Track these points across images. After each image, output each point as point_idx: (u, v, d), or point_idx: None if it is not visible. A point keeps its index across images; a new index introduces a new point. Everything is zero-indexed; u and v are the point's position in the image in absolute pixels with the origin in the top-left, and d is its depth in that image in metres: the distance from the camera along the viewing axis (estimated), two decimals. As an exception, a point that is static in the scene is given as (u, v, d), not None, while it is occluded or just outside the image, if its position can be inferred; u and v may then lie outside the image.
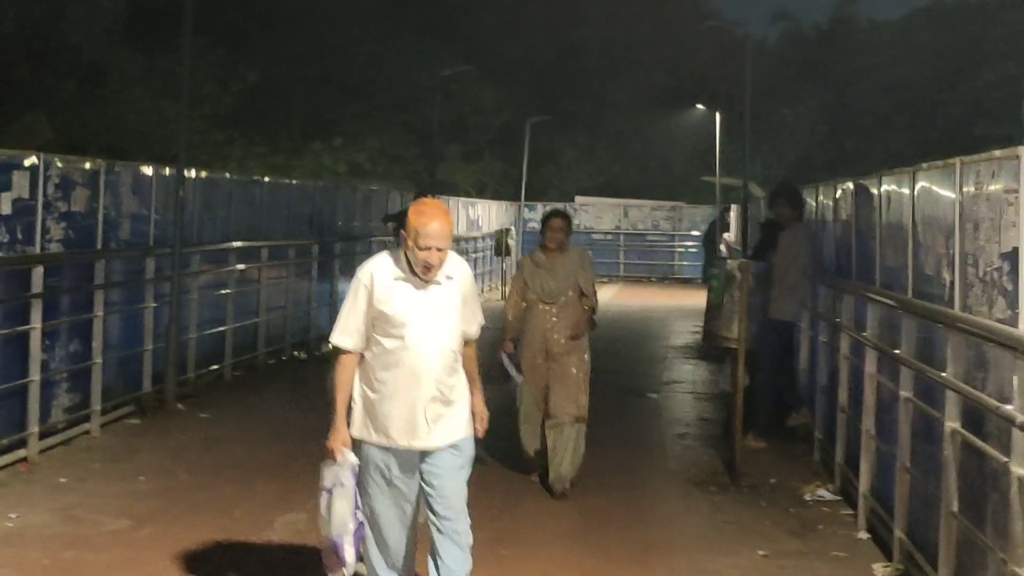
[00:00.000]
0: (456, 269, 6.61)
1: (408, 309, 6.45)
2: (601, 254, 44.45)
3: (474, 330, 6.73)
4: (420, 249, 6.39)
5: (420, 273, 6.44)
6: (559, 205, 46.20)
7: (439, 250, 6.39)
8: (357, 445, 6.53)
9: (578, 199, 47.61)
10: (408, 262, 6.47)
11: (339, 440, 6.47)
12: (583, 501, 10.26)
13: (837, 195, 12.36)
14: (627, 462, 11.76)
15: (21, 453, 10.81)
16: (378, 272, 6.52)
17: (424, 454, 6.51)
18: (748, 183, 26.73)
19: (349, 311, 6.54)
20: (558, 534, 9.30)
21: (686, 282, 41.93)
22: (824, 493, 10.65)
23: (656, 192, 50.32)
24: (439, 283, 6.50)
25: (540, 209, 45.42)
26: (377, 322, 6.46)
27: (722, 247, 33.12)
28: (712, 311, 11.65)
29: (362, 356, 6.59)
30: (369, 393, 6.51)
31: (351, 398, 6.57)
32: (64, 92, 30.59)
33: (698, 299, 26.14)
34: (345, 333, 6.52)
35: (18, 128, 28.01)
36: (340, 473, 6.42)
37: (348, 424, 6.54)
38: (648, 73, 57.05)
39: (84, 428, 12.03)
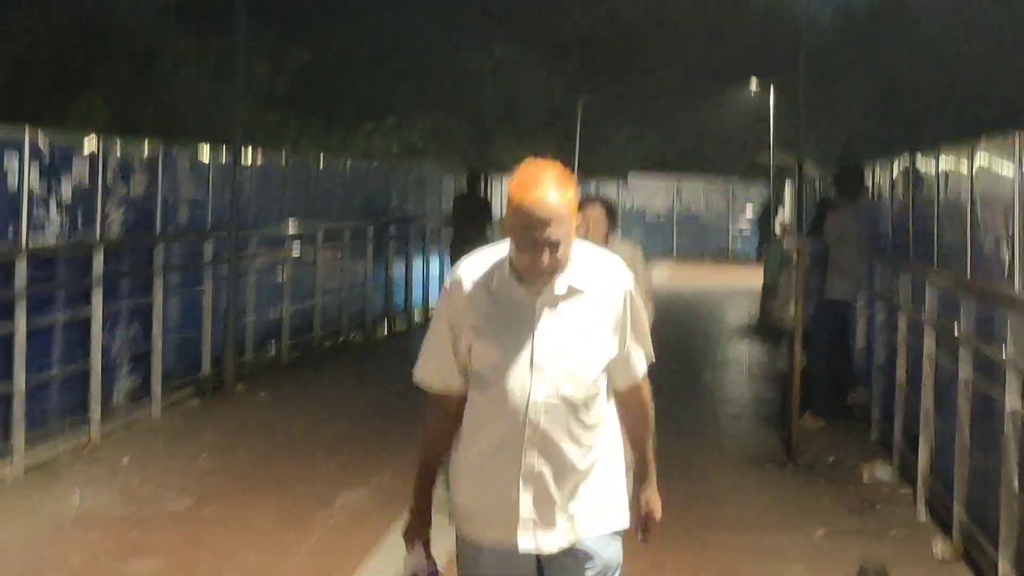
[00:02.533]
0: (593, 277, 4.16)
1: (502, 335, 4.12)
2: (654, 233, 44.50)
3: (635, 369, 4.31)
4: (518, 243, 4.04)
5: (527, 279, 4.10)
6: (606, 185, 46.22)
7: (551, 244, 3.98)
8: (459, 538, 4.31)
9: (631, 178, 47.50)
10: (513, 263, 4.13)
11: (409, 528, 4.34)
12: (640, 481, 10.28)
13: (893, 173, 12.32)
14: (683, 442, 11.76)
15: (84, 435, 10.95)
16: (468, 276, 4.17)
17: (538, 561, 4.20)
18: (803, 161, 26.61)
19: (430, 335, 4.27)
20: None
21: (740, 261, 41.82)
22: (883, 472, 10.63)
23: (709, 170, 50.15)
24: (560, 296, 4.10)
25: (593, 188, 45.46)
26: (470, 353, 4.17)
27: (777, 227, 33.00)
28: (768, 291, 11.66)
29: None
30: (458, 461, 4.24)
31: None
32: (119, 75, 30.80)
33: (752, 278, 26.15)
34: (426, 366, 4.28)
35: (75, 112, 28.22)
36: None
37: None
38: (699, 50, 56.87)
39: (145, 410, 12.18)
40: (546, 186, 3.99)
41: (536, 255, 3.99)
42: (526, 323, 4.09)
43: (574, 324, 4.09)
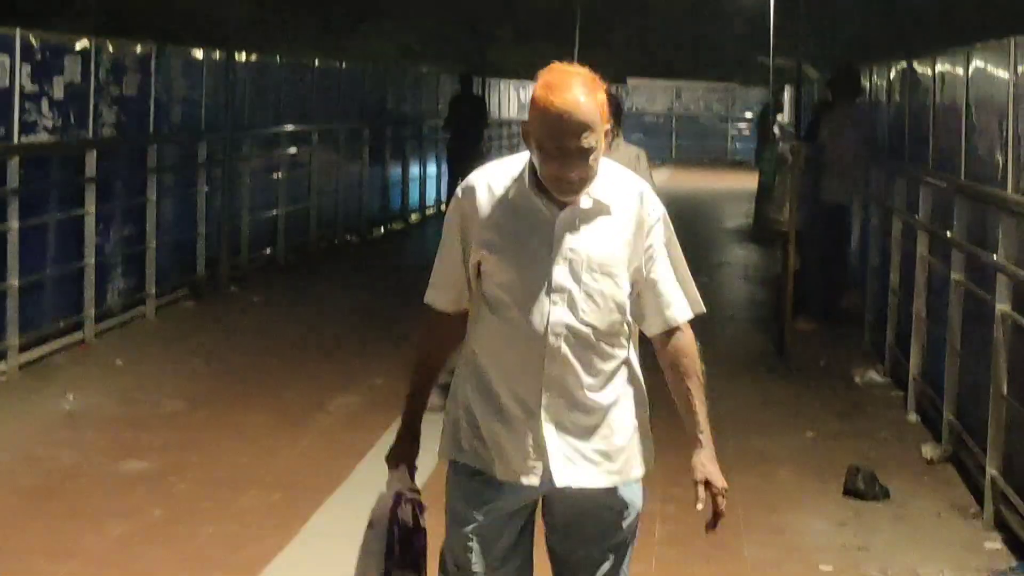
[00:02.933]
0: (620, 195, 3.79)
1: (519, 252, 3.74)
2: (653, 136, 44.25)
3: (671, 311, 3.83)
4: (544, 152, 3.66)
5: (554, 192, 3.72)
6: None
7: (582, 152, 3.63)
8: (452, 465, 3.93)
9: (630, 80, 47.13)
10: (535, 173, 3.75)
11: (395, 450, 4.00)
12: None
13: (891, 76, 12.24)
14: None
15: (78, 336, 10.95)
16: (482, 187, 3.82)
17: (545, 499, 3.89)
18: (802, 64, 26.43)
19: (441, 253, 3.91)
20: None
21: (739, 164, 41.64)
22: (874, 375, 10.66)
23: (709, 73, 49.76)
24: (584, 211, 3.73)
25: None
26: (482, 271, 3.82)
27: (775, 129, 32.89)
28: (763, 194, 11.64)
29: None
30: (463, 386, 3.88)
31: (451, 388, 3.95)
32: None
33: (751, 182, 26.08)
34: (438, 287, 3.93)
35: (69, 13, 27.98)
36: (375, 510, 3.97)
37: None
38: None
39: (139, 311, 12.17)
40: (576, 89, 3.67)
41: (564, 165, 3.64)
42: (545, 240, 3.73)
43: (598, 243, 3.74)
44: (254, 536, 6.75)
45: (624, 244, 3.75)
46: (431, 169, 23.44)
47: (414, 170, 22.45)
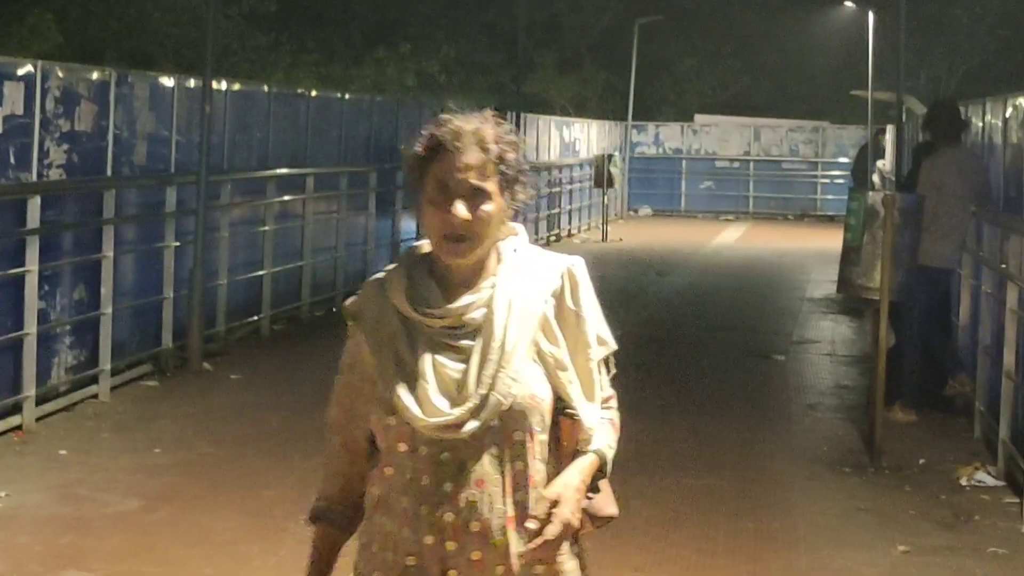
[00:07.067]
0: None
1: None
2: (726, 186, 44.47)
3: None
4: None
5: None
6: (668, 128, 45.92)
7: None
8: None
9: (698, 118, 47.38)
10: None
11: None
12: (687, 483, 10.28)
13: (1008, 113, 12.24)
14: (744, 436, 11.76)
15: (15, 420, 10.97)
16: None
17: None
18: (905, 98, 26.48)
19: None
20: (654, 522, 9.33)
21: (830, 220, 41.67)
22: (984, 477, 10.61)
23: (794, 110, 49.96)
24: None
25: (652, 130, 45.32)
26: None
27: (875, 177, 32.89)
28: (849, 254, 11.59)
29: None
30: None
31: None
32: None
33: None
34: None
35: (21, 31, 28.32)
36: None
37: None
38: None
39: (90, 391, 12.22)
40: None
41: None
42: None
43: None
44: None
45: None
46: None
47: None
